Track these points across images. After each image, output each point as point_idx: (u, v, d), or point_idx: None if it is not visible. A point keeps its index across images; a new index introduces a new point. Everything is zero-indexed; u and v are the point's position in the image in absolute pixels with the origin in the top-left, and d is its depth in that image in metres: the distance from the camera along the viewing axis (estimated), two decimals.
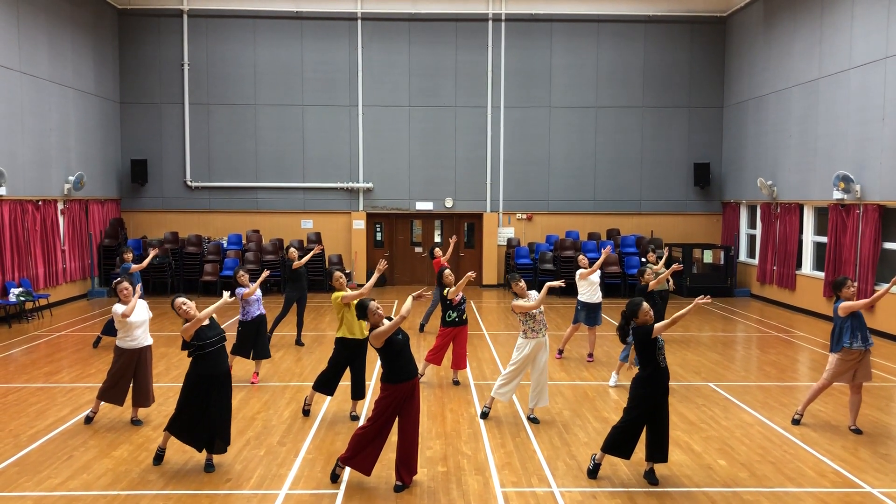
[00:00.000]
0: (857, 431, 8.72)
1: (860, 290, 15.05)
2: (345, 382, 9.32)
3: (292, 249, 13.32)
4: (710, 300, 7.10)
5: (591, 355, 12.46)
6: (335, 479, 7.15)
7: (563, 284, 9.63)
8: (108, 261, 20.13)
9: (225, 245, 21.14)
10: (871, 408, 9.72)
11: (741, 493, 6.97)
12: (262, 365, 11.03)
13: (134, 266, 13.17)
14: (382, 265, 9.32)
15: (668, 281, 13.46)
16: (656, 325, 7.01)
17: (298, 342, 13.53)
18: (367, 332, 8.78)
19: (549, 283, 8.96)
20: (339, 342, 8.93)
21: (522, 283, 9.05)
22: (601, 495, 6.90)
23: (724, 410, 9.67)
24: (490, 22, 21.90)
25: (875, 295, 8.60)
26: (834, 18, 16.57)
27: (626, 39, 22.05)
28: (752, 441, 8.46)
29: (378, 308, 6.96)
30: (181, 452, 7.88)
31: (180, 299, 7.33)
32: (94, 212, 20.02)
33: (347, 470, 7.32)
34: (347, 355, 8.91)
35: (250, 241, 21.17)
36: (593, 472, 7.34)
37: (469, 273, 10.29)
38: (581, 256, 12.63)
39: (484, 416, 9.20)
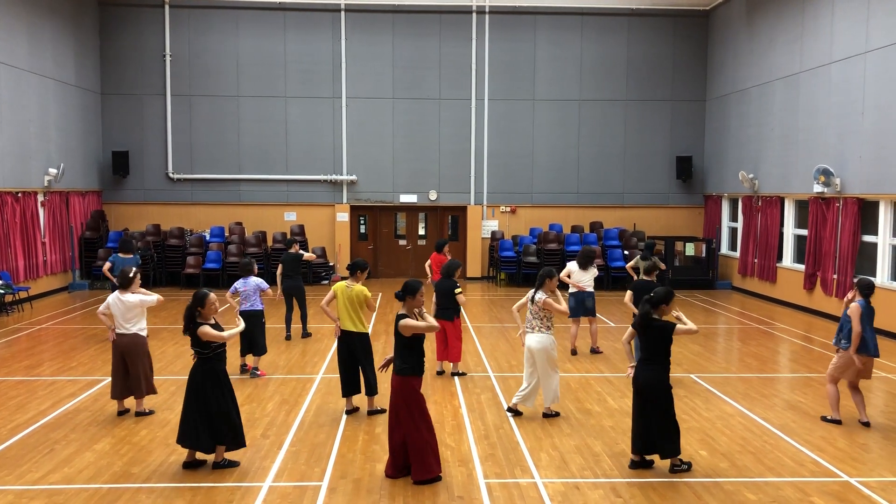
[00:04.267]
0: (866, 424, 8.70)
1: (840, 282, 15.26)
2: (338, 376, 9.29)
3: (304, 253, 13.93)
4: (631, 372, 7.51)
5: (574, 351, 12.47)
6: None
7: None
8: (90, 253, 19.97)
9: (207, 237, 21.01)
10: (850, 398, 9.82)
11: (722, 484, 7.05)
12: (250, 358, 10.99)
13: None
14: None
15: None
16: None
17: (305, 334, 13.63)
18: (359, 326, 8.82)
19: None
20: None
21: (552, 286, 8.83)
22: (584, 486, 6.96)
23: (706, 402, 9.77)
24: (474, 14, 21.86)
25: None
26: (815, 13, 16.69)
27: (610, 33, 22.10)
28: (732, 432, 8.56)
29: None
30: (164, 446, 7.86)
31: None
32: (74, 204, 19.81)
33: (334, 460, 7.32)
34: (343, 349, 8.94)
35: (233, 233, 21.06)
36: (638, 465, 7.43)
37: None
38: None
39: (547, 416, 8.97)
